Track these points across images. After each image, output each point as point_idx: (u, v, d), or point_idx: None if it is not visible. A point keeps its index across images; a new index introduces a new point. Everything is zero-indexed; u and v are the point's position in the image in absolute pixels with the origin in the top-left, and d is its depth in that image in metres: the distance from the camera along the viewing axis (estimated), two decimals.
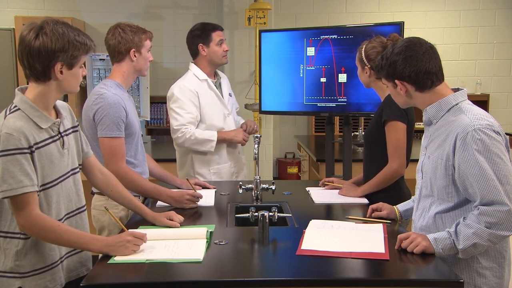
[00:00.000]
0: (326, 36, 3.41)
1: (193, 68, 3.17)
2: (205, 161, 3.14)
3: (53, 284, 1.78)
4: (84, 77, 5.24)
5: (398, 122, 2.41)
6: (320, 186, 2.82)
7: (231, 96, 3.34)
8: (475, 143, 1.71)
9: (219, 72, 3.34)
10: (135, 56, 2.43)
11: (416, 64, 1.82)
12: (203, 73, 3.15)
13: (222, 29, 3.16)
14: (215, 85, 3.20)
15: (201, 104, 3.09)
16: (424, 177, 1.94)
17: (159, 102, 6.05)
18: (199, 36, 3.11)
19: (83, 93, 5.59)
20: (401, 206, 2.24)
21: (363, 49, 2.51)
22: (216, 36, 3.11)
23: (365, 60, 2.50)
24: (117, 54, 2.42)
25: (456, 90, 1.87)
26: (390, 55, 1.87)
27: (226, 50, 3.15)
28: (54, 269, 1.78)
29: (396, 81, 1.87)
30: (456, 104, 1.83)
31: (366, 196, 2.53)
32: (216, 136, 3.06)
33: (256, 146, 2.59)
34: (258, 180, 2.56)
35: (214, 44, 3.10)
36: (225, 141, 3.13)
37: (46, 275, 1.76)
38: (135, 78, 2.55)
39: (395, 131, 2.41)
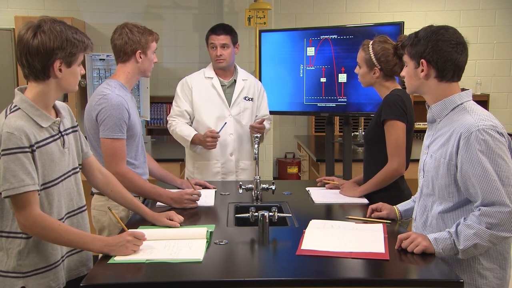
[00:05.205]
0: (326, 36, 3.41)
1: (208, 65, 3.29)
2: (191, 154, 3.23)
3: (56, 283, 1.78)
4: (84, 77, 5.29)
5: (398, 121, 2.40)
6: (318, 185, 2.82)
7: (248, 100, 3.25)
8: (478, 143, 1.71)
9: (246, 74, 3.30)
10: (140, 57, 2.41)
11: (449, 51, 1.78)
12: (212, 71, 3.23)
13: (216, 33, 3.13)
14: (225, 85, 3.21)
15: (193, 99, 3.17)
16: (426, 175, 1.93)
17: (159, 102, 6.03)
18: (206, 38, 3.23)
19: (83, 93, 5.59)
20: (401, 206, 2.24)
21: (370, 49, 2.47)
22: (210, 39, 3.16)
23: (374, 61, 2.46)
24: (123, 54, 2.40)
25: (462, 90, 1.86)
26: (425, 34, 1.81)
27: (216, 54, 3.11)
28: (56, 268, 1.79)
29: (422, 60, 1.82)
30: (461, 104, 1.83)
31: (366, 196, 2.53)
32: (192, 137, 3.05)
33: (256, 146, 2.60)
34: (258, 180, 2.56)
35: (209, 48, 3.18)
36: (199, 143, 3.06)
37: (49, 275, 1.76)
38: (138, 79, 2.55)
39: (395, 130, 2.40)
